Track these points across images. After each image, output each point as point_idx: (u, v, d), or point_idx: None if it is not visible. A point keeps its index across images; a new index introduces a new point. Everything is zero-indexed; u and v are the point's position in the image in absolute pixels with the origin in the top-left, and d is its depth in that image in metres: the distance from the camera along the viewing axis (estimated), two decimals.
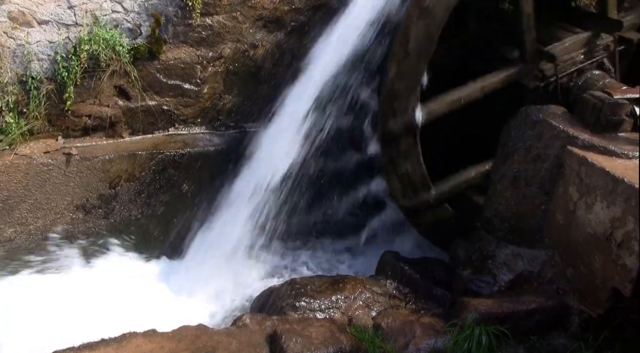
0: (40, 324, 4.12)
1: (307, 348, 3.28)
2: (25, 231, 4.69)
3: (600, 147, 3.62)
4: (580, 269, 3.52)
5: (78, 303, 4.39)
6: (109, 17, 4.59)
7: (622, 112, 3.83)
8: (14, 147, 4.54)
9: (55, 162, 4.62)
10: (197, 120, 5.19)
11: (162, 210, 5.05)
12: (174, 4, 4.71)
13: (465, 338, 3.31)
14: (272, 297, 4.09)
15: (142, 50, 4.74)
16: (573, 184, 3.60)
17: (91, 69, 4.62)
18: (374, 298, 4.00)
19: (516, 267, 3.96)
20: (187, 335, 3.32)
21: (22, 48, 4.45)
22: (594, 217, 3.41)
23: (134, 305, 4.43)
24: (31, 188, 4.59)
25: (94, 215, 4.89)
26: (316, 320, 3.69)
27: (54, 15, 4.46)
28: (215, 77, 5.07)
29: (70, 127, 4.79)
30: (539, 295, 3.63)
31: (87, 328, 3.82)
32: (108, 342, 3.18)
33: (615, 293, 3.27)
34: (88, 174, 4.74)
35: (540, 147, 3.86)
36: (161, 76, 4.90)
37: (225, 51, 5.01)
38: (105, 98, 4.79)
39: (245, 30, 4.98)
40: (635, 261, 3.11)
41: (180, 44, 4.86)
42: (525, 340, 3.42)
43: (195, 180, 5.04)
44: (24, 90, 4.53)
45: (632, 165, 3.40)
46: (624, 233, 3.20)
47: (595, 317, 3.41)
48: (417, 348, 3.41)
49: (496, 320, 3.37)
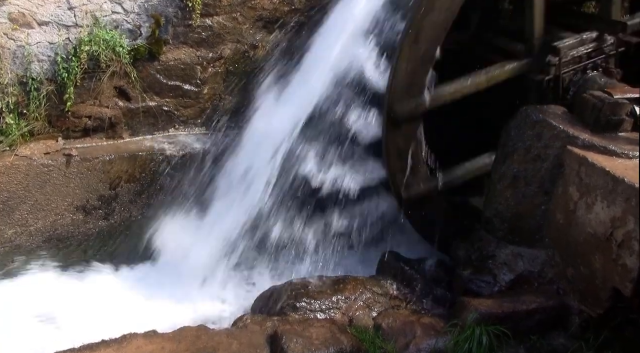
0: (40, 324, 4.12)
1: (307, 348, 3.29)
2: (26, 232, 4.70)
3: (600, 146, 3.62)
4: (580, 269, 3.52)
5: (77, 304, 4.39)
6: (109, 18, 4.60)
7: (622, 111, 3.82)
8: (14, 148, 4.54)
9: (56, 163, 4.62)
10: (197, 121, 5.20)
11: (163, 209, 5.05)
12: (174, 5, 4.72)
13: (465, 338, 3.32)
14: (273, 298, 4.09)
15: (142, 51, 4.75)
16: (573, 184, 3.60)
17: (91, 69, 4.62)
18: (374, 299, 4.00)
19: (516, 267, 3.96)
20: (188, 336, 3.32)
21: (22, 49, 4.45)
22: (594, 216, 3.41)
23: (133, 306, 4.44)
24: (31, 189, 4.59)
25: (94, 216, 4.89)
26: (317, 321, 3.70)
27: (54, 16, 4.46)
28: (215, 77, 5.08)
29: (70, 128, 4.80)
30: (539, 295, 3.63)
31: (87, 329, 3.83)
32: (108, 343, 3.18)
33: (616, 293, 3.27)
34: (88, 174, 4.74)
35: (540, 147, 3.85)
36: (161, 77, 4.90)
37: (225, 52, 5.01)
38: (105, 99, 4.79)
39: (245, 30, 4.99)
40: (636, 261, 3.11)
41: (180, 44, 4.87)
42: (525, 340, 3.42)
43: (196, 180, 5.05)
44: (24, 91, 4.53)
45: (632, 165, 3.40)
46: (624, 233, 3.20)
47: (596, 317, 3.41)
48: (417, 349, 3.42)
49: (496, 320, 3.37)
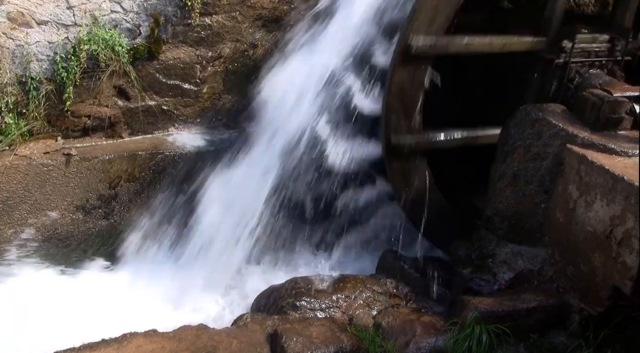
0: (40, 324, 4.12)
1: (307, 347, 3.29)
2: (26, 231, 4.69)
3: (599, 145, 3.62)
4: (580, 267, 3.52)
5: (77, 303, 4.39)
6: (108, 17, 4.59)
7: (621, 110, 3.82)
8: (14, 147, 4.54)
9: (55, 162, 4.62)
10: (197, 120, 5.19)
11: (162, 209, 5.05)
12: (173, 4, 4.71)
13: (465, 336, 3.32)
14: (273, 297, 4.09)
15: (142, 50, 4.74)
16: (573, 182, 3.60)
17: (90, 69, 4.62)
18: (374, 298, 4.00)
19: (516, 266, 3.97)
20: (188, 335, 3.32)
21: (21, 48, 4.45)
22: (593, 215, 3.41)
23: (134, 305, 4.44)
24: (31, 188, 4.59)
25: (93, 216, 4.89)
26: (317, 320, 3.70)
27: (53, 15, 4.46)
28: (214, 76, 5.07)
29: (69, 128, 4.80)
30: (539, 293, 3.64)
31: (87, 328, 3.82)
32: (109, 342, 3.18)
33: (616, 291, 3.27)
34: (88, 174, 4.74)
35: (539, 146, 3.85)
36: (160, 76, 4.90)
37: (224, 51, 5.01)
38: (104, 98, 4.79)
39: (245, 29, 4.98)
40: (636, 259, 3.11)
41: (180, 43, 4.86)
42: (525, 338, 3.42)
43: (196, 180, 5.04)
44: (23, 91, 4.53)
45: (632, 163, 3.40)
46: (624, 231, 3.20)
47: (596, 315, 3.41)
48: (417, 347, 3.42)
49: (496, 319, 3.37)
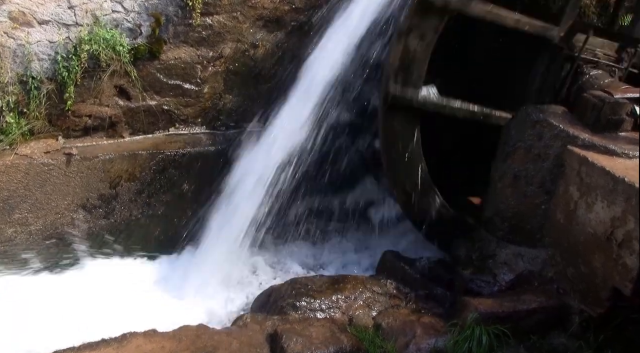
0: (40, 324, 4.12)
1: (307, 348, 3.29)
2: (26, 231, 4.70)
3: (600, 146, 3.62)
4: (580, 269, 3.52)
5: (79, 304, 4.39)
6: (109, 17, 4.59)
7: (622, 111, 3.83)
8: (15, 147, 4.53)
9: (56, 162, 4.61)
10: (198, 120, 5.19)
11: (163, 210, 5.05)
12: (174, 4, 4.71)
13: (465, 338, 3.32)
14: (273, 297, 4.09)
15: (143, 50, 4.74)
16: (573, 183, 3.60)
17: (91, 68, 4.61)
18: (374, 298, 4.00)
19: (517, 267, 3.97)
20: (188, 335, 3.32)
21: (22, 48, 4.44)
22: (594, 216, 3.41)
23: (134, 305, 4.44)
24: (32, 188, 4.59)
25: (94, 215, 4.89)
26: (316, 320, 3.70)
27: (54, 15, 4.46)
28: (215, 76, 5.07)
29: (70, 127, 4.79)
30: (539, 294, 3.64)
31: (88, 328, 3.83)
32: (109, 342, 3.18)
33: (616, 292, 3.27)
34: (88, 173, 4.74)
35: (540, 147, 3.86)
36: (161, 76, 4.90)
37: (225, 51, 5.01)
38: (105, 98, 4.79)
39: (246, 30, 4.98)
40: (636, 260, 3.11)
41: (181, 43, 4.86)
42: (525, 339, 3.42)
43: (196, 180, 5.04)
44: (24, 90, 4.53)
45: (633, 165, 3.40)
46: (624, 232, 3.20)
47: (596, 317, 3.41)
48: (417, 348, 3.42)
49: (497, 320, 3.37)
